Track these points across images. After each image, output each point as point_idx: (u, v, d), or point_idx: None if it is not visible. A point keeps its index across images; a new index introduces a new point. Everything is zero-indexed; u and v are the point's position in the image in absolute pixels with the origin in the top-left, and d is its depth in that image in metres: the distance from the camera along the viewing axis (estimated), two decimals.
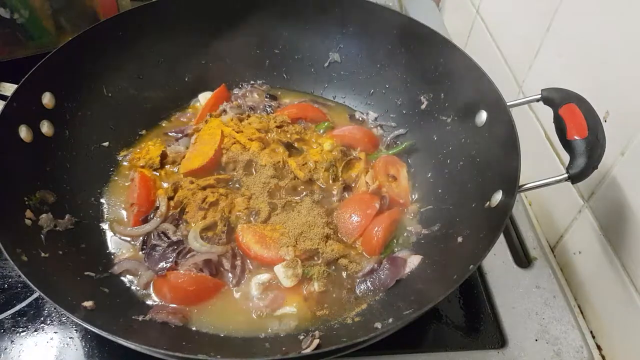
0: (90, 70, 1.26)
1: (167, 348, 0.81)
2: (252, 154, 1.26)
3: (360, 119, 1.44)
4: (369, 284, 1.09)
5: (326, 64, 1.48)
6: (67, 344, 1.03)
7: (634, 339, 1.03)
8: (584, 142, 0.93)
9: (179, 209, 1.18)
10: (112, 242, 1.15)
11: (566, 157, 0.96)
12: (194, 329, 1.02)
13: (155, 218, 1.17)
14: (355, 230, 1.17)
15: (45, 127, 1.14)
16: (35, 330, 1.05)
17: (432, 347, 1.07)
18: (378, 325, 0.92)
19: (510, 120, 1.03)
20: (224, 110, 1.40)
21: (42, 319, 1.06)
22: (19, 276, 0.85)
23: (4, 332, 1.04)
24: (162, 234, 1.14)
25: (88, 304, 0.92)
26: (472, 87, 1.17)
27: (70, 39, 1.20)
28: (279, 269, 1.08)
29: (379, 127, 1.42)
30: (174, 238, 1.13)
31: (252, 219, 1.18)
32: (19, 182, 1.05)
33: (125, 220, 1.19)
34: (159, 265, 1.09)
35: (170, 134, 1.38)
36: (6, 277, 1.13)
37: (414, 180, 1.30)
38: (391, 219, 1.18)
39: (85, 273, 1.03)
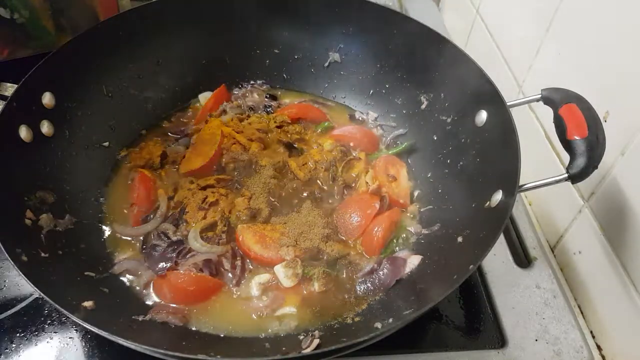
0: (90, 70, 1.26)
1: (167, 348, 0.81)
2: (252, 154, 1.26)
3: (360, 119, 1.45)
4: (369, 284, 1.09)
5: (326, 64, 1.48)
6: (67, 344, 1.03)
7: (634, 339, 1.03)
8: (584, 142, 0.93)
9: (179, 209, 1.19)
10: (112, 242, 1.15)
11: (566, 157, 0.96)
12: (194, 329, 1.02)
13: (155, 218, 1.17)
14: (356, 230, 1.17)
15: (45, 127, 1.14)
16: (35, 330, 1.05)
17: (432, 347, 1.07)
18: (378, 325, 0.92)
19: (510, 120, 1.03)
20: (224, 110, 1.40)
21: (42, 319, 1.06)
22: (19, 276, 0.85)
23: (4, 332, 1.04)
24: (162, 234, 1.15)
25: (88, 304, 0.92)
26: (472, 87, 1.17)
27: (70, 39, 1.20)
28: (279, 269, 1.09)
29: (379, 127, 1.42)
30: (174, 238, 1.13)
31: (252, 219, 1.18)
32: (19, 182, 1.05)
33: (125, 220, 1.19)
34: (159, 265, 1.09)
35: (170, 134, 1.38)
36: (6, 277, 1.13)
37: (414, 180, 1.30)
38: (391, 219, 1.18)
39: (85, 273, 1.03)
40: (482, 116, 1.14)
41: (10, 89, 1.40)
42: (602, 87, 1.07)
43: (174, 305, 1.05)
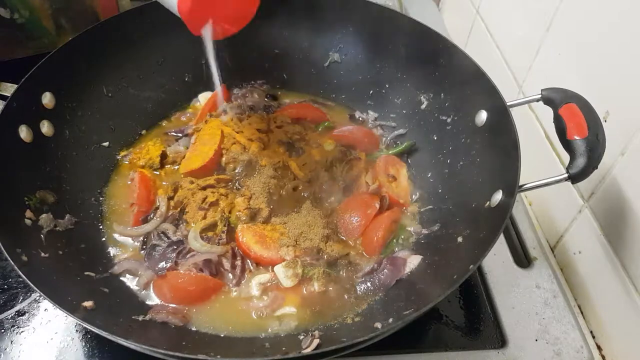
0: (90, 70, 1.26)
1: (167, 348, 0.81)
2: (252, 154, 1.26)
3: (360, 119, 1.45)
4: (369, 284, 1.09)
5: (326, 64, 1.48)
6: (67, 344, 1.03)
7: (634, 339, 1.03)
8: (584, 142, 0.93)
9: (179, 209, 1.19)
10: (112, 242, 1.15)
11: (566, 157, 0.96)
12: (194, 329, 1.02)
13: (155, 218, 1.17)
14: (356, 230, 1.17)
15: (45, 127, 1.14)
16: (35, 330, 1.05)
17: (432, 347, 1.07)
18: (378, 325, 0.92)
19: (510, 120, 1.03)
20: (224, 110, 1.40)
21: (42, 319, 1.06)
22: (19, 276, 0.85)
23: (4, 332, 1.04)
24: (162, 234, 1.15)
25: (88, 304, 0.92)
26: (472, 87, 1.17)
27: (70, 39, 1.20)
28: (279, 269, 1.09)
29: (379, 127, 1.42)
30: (174, 238, 1.13)
31: (252, 219, 1.18)
32: (19, 182, 1.05)
33: (125, 220, 1.19)
34: (159, 265, 1.09)
35: (170, 134, 1.38)
36: (6, 277, 1.13)
37: (414, 180, 1.30)
38: (391, 219, 1.18)
39: (85, 273, 1.03)
40: (482, 116, 1.14)
41: (10, 89, 1.40)
42: (602, 87, 1.07)
43: (174, 305, 1.05)
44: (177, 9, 0.92)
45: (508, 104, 1.07)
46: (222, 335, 1.01)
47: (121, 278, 1.09)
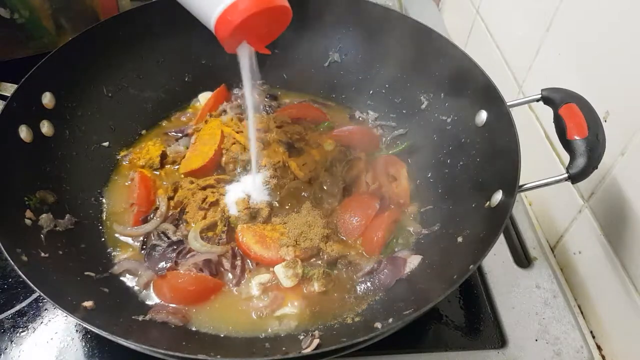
0: (90, 70, 1.26)
1: (167, 348, 0.81)
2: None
3: (360, 119, 1.44)
4: (369, 284, 1.09)
5: (326, 64, 1.47)
6: (67, 344, 1.03)
7: (634, 339, 1.03)
8: (584, 142, 0.93)
9: (179, 209, 1.19)
10: (112, 242, 1.15)
11: (566, 157, 0.96)
12: (194, 329, 1.02)
13: (155, 218, 1.17)
14: (356, 230, 1.17)
15: (45, 127, 1.14)
16: (35, 330, 1.05)
17: (432, 347, 1.07)
18: (378, 325, 0.92)
19: (510, 120, 1.03)
20: (224, 110, 1.40)
21: (42, 319, 1.06)
22: (19, 276, 0.85)
23: (4, 332, 1.04)
24: (162, 234, 1.15)
25: (88, 304, 0.92)
26: (472, 87, 1.17)
27: (70, 39, 1.20)
28: (279, 269, 1.08)
29: (379, 127, 1.42)
30: (174, 238, 1.13)
31: (252, 219, 1.18)
32: (19, 182, 1.05)
33: (125, 220, 1.19)
34: (159, 265, 1.09)
35: (170, 133, 1.38)
36: (6, 277, 1.13)
37: (414, 180, 1.30)
38: (391, 219, 1.18)
39: (85, 273, 1.03)
40: (482, 116, 1.14)
41: (10, 89, 1.40)
42: (602, 87, 1.07)
43: (174, 305, 1.05)
44: (214, 31, 0.93)
45: (508, 104, 1.07)
46: (222, 335, 1.01)
47: (121, 278, 1.09)
